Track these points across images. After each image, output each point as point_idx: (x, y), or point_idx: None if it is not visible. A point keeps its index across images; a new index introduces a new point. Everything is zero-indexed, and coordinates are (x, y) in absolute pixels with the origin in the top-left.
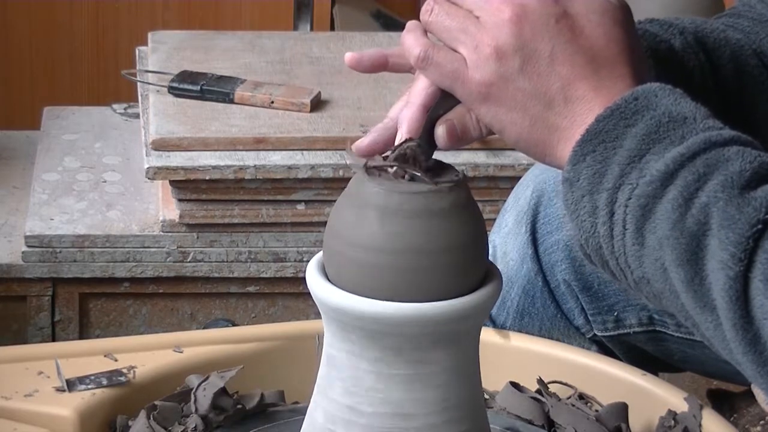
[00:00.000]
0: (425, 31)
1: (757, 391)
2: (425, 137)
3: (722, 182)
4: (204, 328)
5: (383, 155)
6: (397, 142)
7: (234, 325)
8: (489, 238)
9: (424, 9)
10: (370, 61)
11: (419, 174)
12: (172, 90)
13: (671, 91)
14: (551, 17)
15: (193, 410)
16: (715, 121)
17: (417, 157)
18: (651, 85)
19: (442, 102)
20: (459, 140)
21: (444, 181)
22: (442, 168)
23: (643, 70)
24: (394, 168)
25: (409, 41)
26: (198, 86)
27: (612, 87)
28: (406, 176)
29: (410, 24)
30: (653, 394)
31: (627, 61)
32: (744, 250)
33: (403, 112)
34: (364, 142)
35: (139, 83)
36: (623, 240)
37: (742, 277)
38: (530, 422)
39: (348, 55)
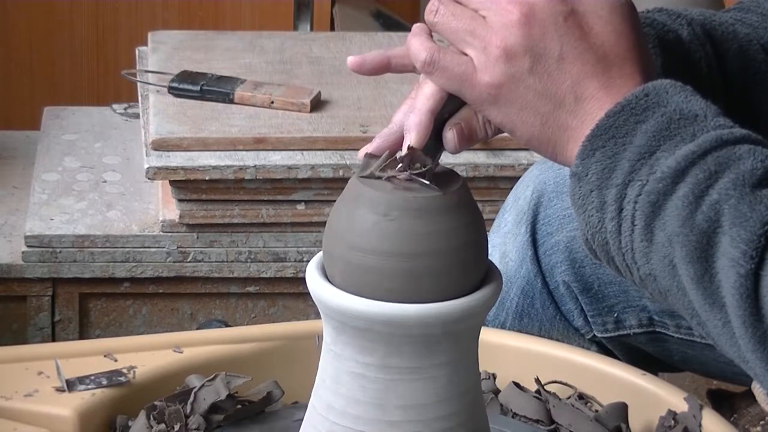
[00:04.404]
0: (431, 35)
1: (757, 391)
2: (432, 141)
3: (733, 180)
4: (198, 328)
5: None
6: (404, 149)
7: (227, 325)
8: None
9: (429, 9)
10: (373, 64)
11: (427, 183)
12: (172, 90)
13: (682, 88)
14: (559, 16)
15: (194, 410)
16: (726, 119)
17: (423, 165)
18: (661, 82)
19: (447, 104)
20: (467, 143)
21: (450, 190)
22: (445, 173)
23: (651, 67)
24: (402, 175)
25: (415, 45)
26: (198, 86)
27: (622, 85)
28: (414, 183)
29: (416, 27)
30: (653, 394)
31: (636, 58)
32: (756, 248)
33: (410, 119)
34: (368, 148)
35: (139, 83)
36: (631, 236)
37: (753, 275)
38: (538, 421)
39: (350, 59)
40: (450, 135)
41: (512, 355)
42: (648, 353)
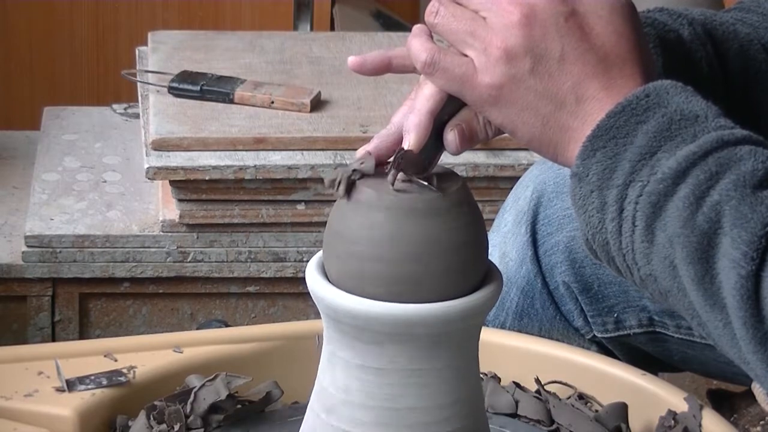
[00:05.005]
0: (431, 36)
1: (757, 391)
2: (431, 142)
3: (734, 181)
4: (198, 328)
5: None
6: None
7: (227, 325)
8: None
9: (429, 10)
10: (373, 65)
11: (426, 183)
12: (172, 90)
13: (683, 88)
14: (560, 16)
15: (194, 410)
16: (727, 120)
17: (422, 166)
18: (662, 82)
19: (447, 105)
20: (468, 144)
21: (450, 190)
22: (445, 173)
23: (651, 67)
24: (402, 176)
25: (416, 46)
26: (198, 86)
27: (623, 86)
28: (413, 184)
29: (416, 28)
30: (653, 394)
31: (637, 59)
32: (756, 249)
33: (409, 120)
34: (366, 149)
35: (139, 83)
36: (632, 237)
37: (754, 276)
38: (538, 421)
39: (351, 59)
40: (451, 136)
41: (512, 355)
42: (648, 353)
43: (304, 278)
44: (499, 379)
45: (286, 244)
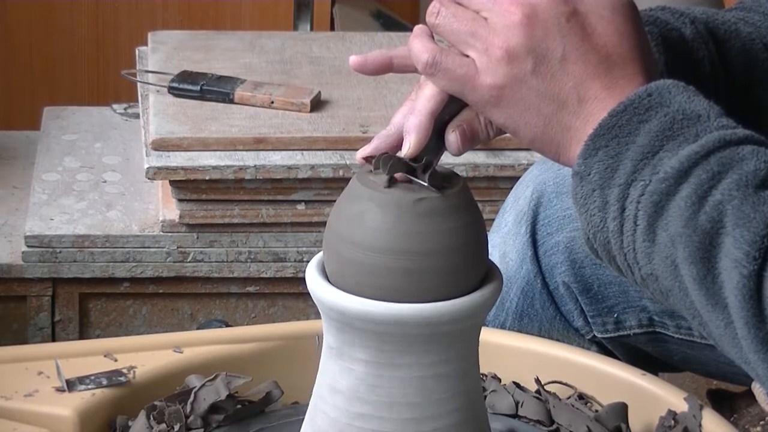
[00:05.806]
0: (432, 36)
1: (757, 391)
2: (432, 142)
3: (737, 181)
4: (198, 328)
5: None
6: (403, 150)
7: (227, 325)
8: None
9: (430, 11)
10: (375, 64)
11: (426, 184)
12: (172, 90)
13: (684, 88)
14: (562, 16)
15: (194, 410)
16: (729, 119)
17: (423, 166)
18: (664, 82)
19: (448, 106)
20: (470, 144)
21: (450, 191)
22: (446, 173)
23: (653, 67)
24: (402, 176)
25: (417, 47)
26: (198, 86)
27: (625, 86)
28: (414, 184)
29: (417, 29)
30: (653, 394)
31: (638, 58)
32: (759, 248)
33: (410, 121)
34: (367, 149)
35: (139, 83)
36: (633, 236)
37: (756, 276)
38: (538, 421)
39: (352, 59)
40: (453, 137)
41: (512, 355)
42: (648, 353)
43: (304, 278)
44: (500, 379)
45: (286, 244)
